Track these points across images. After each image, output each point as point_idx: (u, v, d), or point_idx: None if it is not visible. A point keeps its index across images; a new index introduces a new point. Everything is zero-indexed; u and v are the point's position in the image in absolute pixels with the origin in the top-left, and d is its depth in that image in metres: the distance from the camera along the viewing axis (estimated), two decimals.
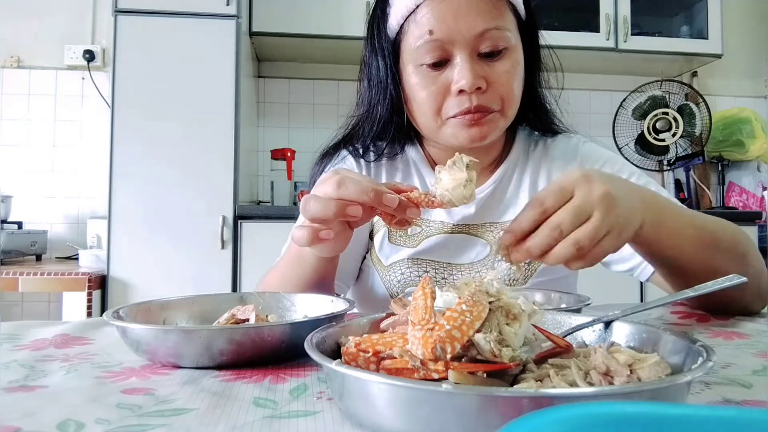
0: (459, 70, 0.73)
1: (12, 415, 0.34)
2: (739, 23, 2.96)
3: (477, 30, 0.73)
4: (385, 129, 0.85)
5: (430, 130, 0.81)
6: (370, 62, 0.84)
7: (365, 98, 0.87)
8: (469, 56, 0.74)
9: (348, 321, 0.46)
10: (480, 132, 0.76)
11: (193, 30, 2.12)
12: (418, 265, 0.85)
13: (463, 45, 0.74)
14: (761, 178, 2.90)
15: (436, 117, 0.77)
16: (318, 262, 0.69)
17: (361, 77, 0.89)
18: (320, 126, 2.76)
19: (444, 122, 0.77)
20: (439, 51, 0.74)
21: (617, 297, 2.16)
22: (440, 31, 0.73)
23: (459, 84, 0.73)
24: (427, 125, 0.80)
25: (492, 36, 0.74)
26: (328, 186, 0.55)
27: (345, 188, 0.53)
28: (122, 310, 0.52)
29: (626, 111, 2.62)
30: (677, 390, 0.31)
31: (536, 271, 0.86)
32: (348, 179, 0.54)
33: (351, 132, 0.91)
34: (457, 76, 0.74)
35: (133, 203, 2.06)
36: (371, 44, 0.84)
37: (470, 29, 0.73)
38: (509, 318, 0.38)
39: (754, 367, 0.45)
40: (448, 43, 0.74)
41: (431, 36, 0.74)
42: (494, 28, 0.74)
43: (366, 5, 2.38)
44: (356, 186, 0.53)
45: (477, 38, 0.73)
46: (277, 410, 0.36)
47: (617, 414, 0.18)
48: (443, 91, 0.76)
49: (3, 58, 2.52)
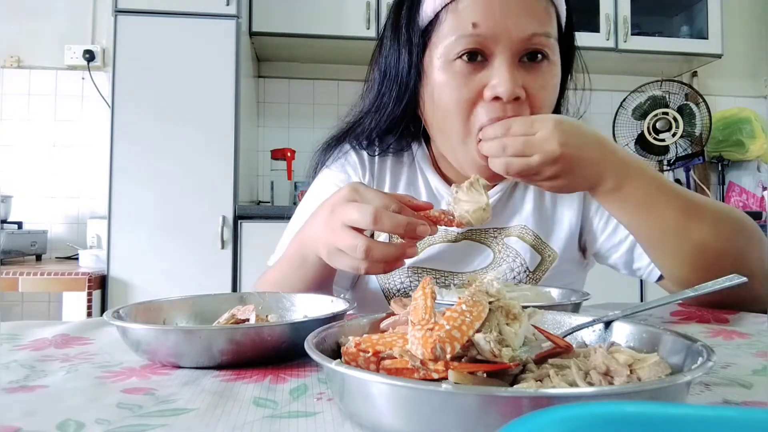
0: (498, 74, 0.65)
1: (12, 415, 0.34)
2: (739, 23, 2.96)
3: (526, 32, 0.66)
4: (393, 125, 0.80)
5: (451, 142, 0.72)
6: (389, 53, 0.76)
7: (375, 91, 0.80)
8: (511, 59, 0.66)
9: (348, 321, 0.46)
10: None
11: (193, 30, 2.12)
12: (419, 274, 0.83)
13: (507, 45, 0.66)
14: (761, 178, 2.90)
15: (463, 125, 0.69)
16: (324, 269, 0.66)
17: (371, 68, 0.82)
18: (320, 126, 2.75)
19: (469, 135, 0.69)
20: (478, 47, 0.67)
21: (617, 297, 2.16)
22: (485, 25, 0.66)
23: (496, 90, 0.65)
24: (449, 135, 0.71)
25: (539, 42, 0.67)
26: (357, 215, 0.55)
27: (381, 224, 0.54)
28: (122, 310, 0.52)
29: (626, 111, 2.62)
30: (677, 390, 0.31)
31: (540, 279, 0.84)
32: (384, 215, 0.54)
33: (356, 124, 0.85)
34: (495, 80, 0.65)
35: (133, 203, 2.06)
36: (395, 32, 0.75)
37: (519, 30, 0.66)
38: (509, 318, 0.38)
39: (754, 367, 0.45)
40: (491, 40, 0.66)
41: (474, 29, 0.66)
42: (543, 35, 0.67)
43: (366, 5, 2.38)
44: (391, 221, 0.54)
45: (523, 41, 0.66)
46: (277, 410, 0.36)
47: (617, 414, 0.18)
48: (476, 93, 0.67)
49: (3, 58, 2.52)
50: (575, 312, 0.56)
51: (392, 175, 0.87)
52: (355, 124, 0.86)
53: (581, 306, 0.62)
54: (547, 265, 0.83)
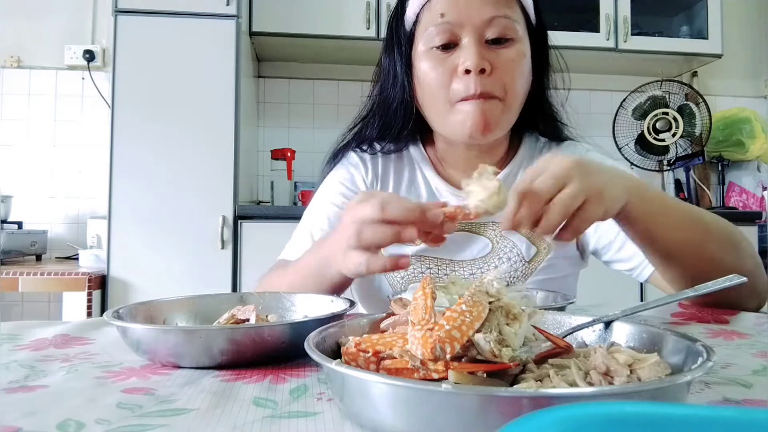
0: (465, 52, 0.77)
1: (12, 415, 0.34)
2: (739, 23, 2.96)
3: (486, 16, 0.77)
4: (394, 120, 0.87)
5: (439, 115, 0.82)
6: (386, 57, 0.88)
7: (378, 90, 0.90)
8: (477, 40, 0.78)
9: (348, 321, 0.46)
10: (484, 120, 0.78)
11: (193, 30, 2.12)
12: (421, 261, 0.87)
13: (471, 29, 0.78)
14: (761, 178, 2.90)
15: (445, 100, 0.80)
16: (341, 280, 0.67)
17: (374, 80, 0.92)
18: (320, 126, 2.76)
19: (452, 107, 0.79)
20: (448, 34, 0.78)
21: (617, 297, 2.16)
22: (451, 14, 0.78)
23: (465, 64, 0.76)
24: (437, 109, 0.82)
25: (500, 23, 0.78)
26: (367, 209, 0.55)
27: (389, 210, 0.54)
28: (122, 310, 0.52)
29: (626, 111, 2.62)
30: (677, 390, 0.31)
31: (536, 270, 0.86)
32: (388, 202, 0.55)
33: (360, 130, 0.93)
34: (463, 56, 0.77)
35: (133, 203, 2.06)
36: (389, 39, 0.88)
37: (479, 14, 0.77)
38: (509, 318, 0.38)
39: (754, 367, 0.45)
40: (458, 26, 0.78)
41: (442, 19, 0.78)
42: (502, 16, 0.78)
43: (366, 5, 2.38)
44: (400, 206, 0.54)
45: (485, 24, 0.78)
46: (277, 410, 0.36)
47: (617, 414, 0.18)
48: (450, 72, 0.79)
49: (3, 58, 2.52)
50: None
51: (395, 174, 0.92)
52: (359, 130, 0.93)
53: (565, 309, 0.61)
54: (543, 256, 0.87)
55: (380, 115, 0.90)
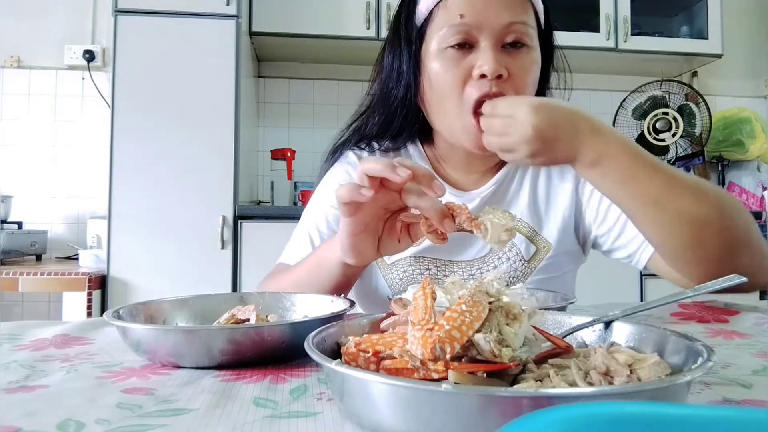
0: (483, 56, 0.76)
1: (12, 415, 0.34)
2: (739, 23, 2.96)
3: (504, 20, 0.77)
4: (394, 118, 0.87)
5: (447, 117, 0.81)
6: (390, 53, 0.86)
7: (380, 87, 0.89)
8: (494, 45, 0.77)
9: (348, 321, 0.46)
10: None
11: (193, 30, 2.12)
12: (420, 262, 0.86)
13: (489, 33, 0.77)
14: (761, 178, 2.90)
15: (456, 102, 0.78)
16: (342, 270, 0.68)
17: (374, 75, 0.91)
18: (320, 126, 2.76)
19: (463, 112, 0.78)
20: (465, 35, 0.77)
21: (617, 297, 2.16)
22: (470, 16, 0.77)
23: (482, 69, 0.75)
24: (445, 110, 0.80)
25: (517, 30, 0.77)
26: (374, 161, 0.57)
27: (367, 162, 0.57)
28: (122, 310, 0.52)
29: (626, 111, 2.62)
30: (677, 390, 0.31)
31: (536, 269, 0.87)
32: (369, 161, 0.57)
33: (359, 127, 0.92)
34: (480, 60, 0.76)
35: (133, 203, 2.06)
36: (396, 35, 0.86)
37: (498, 19, 0.77)
38: (509, 318, 0.38)
39: (754, 367, 0.45)
40: (476, 28, 0.77)
41: (461, 19, 0.77)
42: (520, 23, 0.78)
43: (366, 5, 2.38)
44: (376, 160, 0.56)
45: (503, 28, 0.77)
46: (278, 410, 0.36)
47: (617, 414, 0.18)
48: (464, 74, 0.78)
49: (3, 58, 2.52)
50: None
51: None
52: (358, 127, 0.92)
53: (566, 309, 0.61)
54: (542, 255, 0.87)
55: (380, 112, 0.89)
